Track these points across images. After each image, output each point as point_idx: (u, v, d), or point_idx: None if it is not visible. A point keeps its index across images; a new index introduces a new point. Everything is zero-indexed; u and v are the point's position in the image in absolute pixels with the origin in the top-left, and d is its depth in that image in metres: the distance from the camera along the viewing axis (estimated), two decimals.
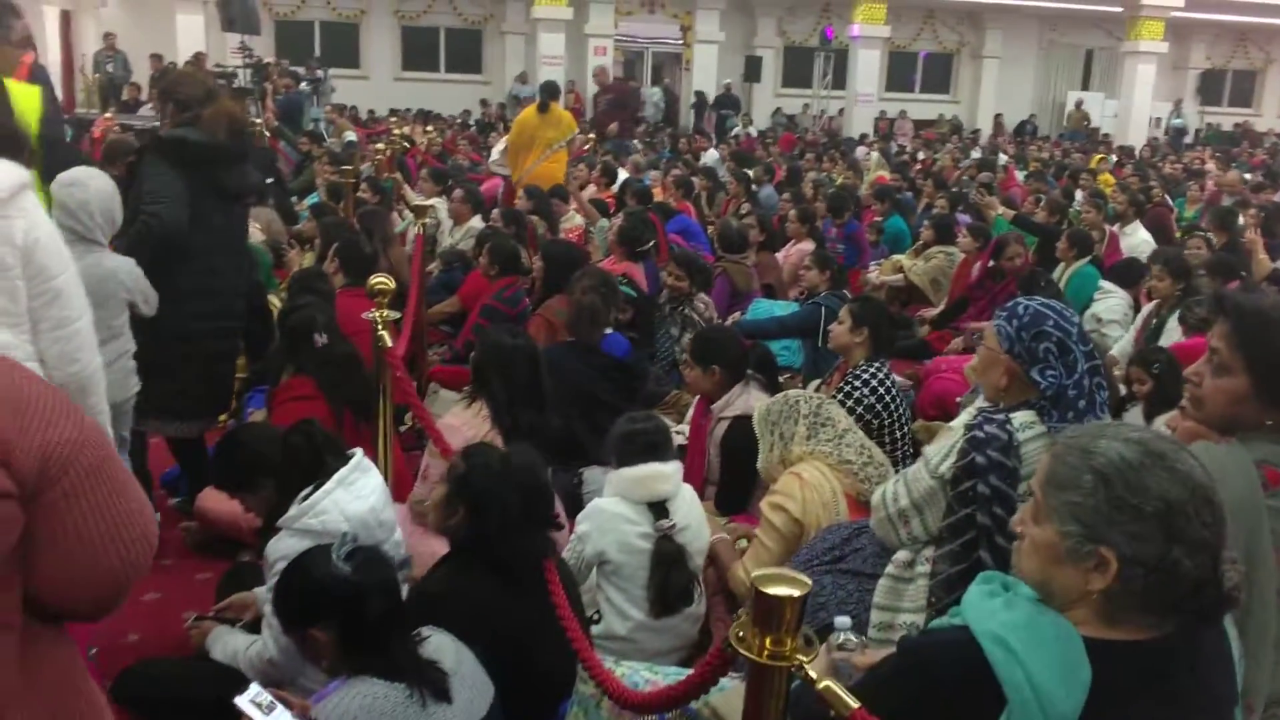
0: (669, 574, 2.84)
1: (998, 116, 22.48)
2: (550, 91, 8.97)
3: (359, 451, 2.72)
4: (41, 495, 1.14)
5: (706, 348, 3.72)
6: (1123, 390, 4.12)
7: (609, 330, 4.35)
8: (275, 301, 5.08)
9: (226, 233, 3.68)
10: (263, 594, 2.65)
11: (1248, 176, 12.67)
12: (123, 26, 18.22)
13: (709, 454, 3.67)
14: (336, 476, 2.57)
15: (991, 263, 6.28)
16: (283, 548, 2.53)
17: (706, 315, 5.38)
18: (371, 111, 18.37)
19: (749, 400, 3.57)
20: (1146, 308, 5.49)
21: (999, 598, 1.45)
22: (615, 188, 9.61)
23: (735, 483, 3.53)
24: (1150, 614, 1.38)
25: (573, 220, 7.73)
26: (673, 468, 2.95)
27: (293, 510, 2.54)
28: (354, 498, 2.56)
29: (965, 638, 1.41)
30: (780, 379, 4.32)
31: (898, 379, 4.10)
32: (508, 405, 3.29)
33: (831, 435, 3.10)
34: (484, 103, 20.22)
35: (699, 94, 20.37)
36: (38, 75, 4.80)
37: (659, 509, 2.88)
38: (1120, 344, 5.38)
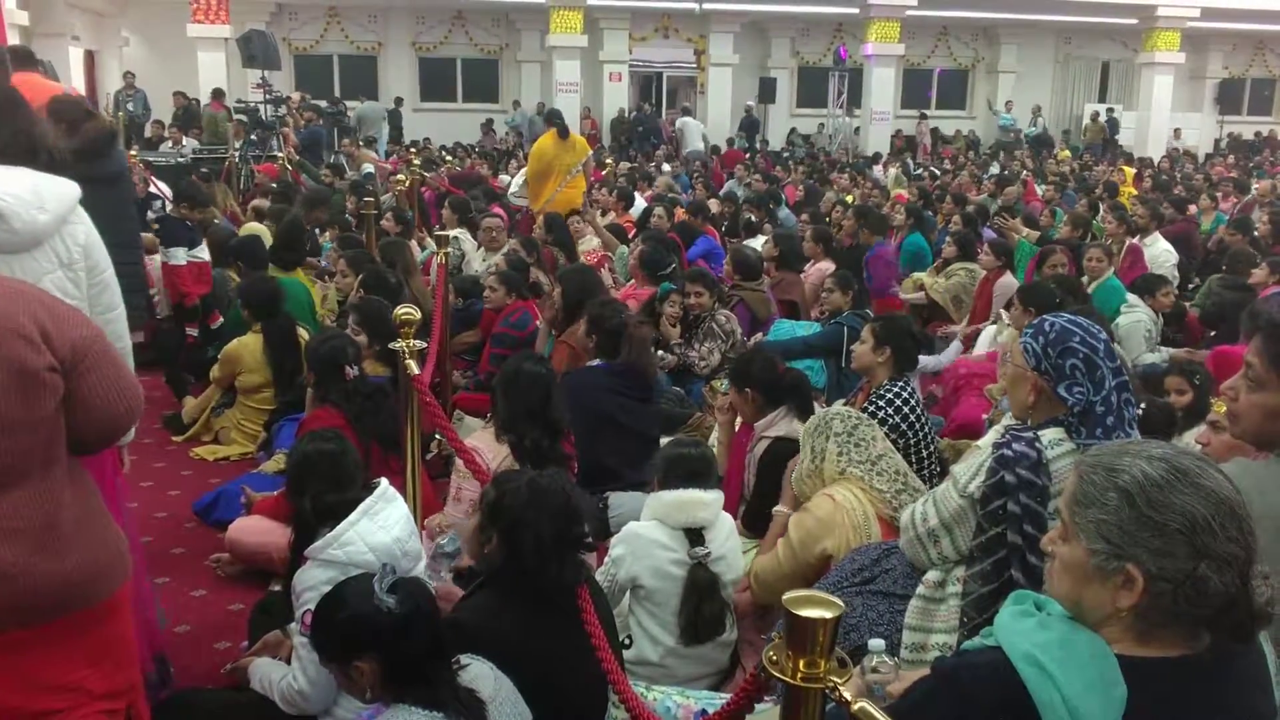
0: (701, 602, 2.83)
1: (1016, 132, 22.45)
2: (561, 118, 9.16)
3: (384, 481, 2.74)
4: (74, 369, 1.78)
5: (741, 370, 3.74)
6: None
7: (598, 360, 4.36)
8: (304, 334, 5.15)
9: (99, 205, 4.51)
10: (293, 628, 2.66)
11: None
12: (145, 65, 18.57)
13: (747, 471, 3.68)
14: (361, 507, 2.58)
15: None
16: (309, 578, 2.55)
17: (728, 328, 5.39)
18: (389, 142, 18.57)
19: (792, 424, 3.59)
20: None
21: (1032, 618, 1.45)
22: (634, 212, 9.68)
23: (766, 503, 3.53)
24: (1182, 630, 1.38)
25: (590, 243, 7.76)
26: (713, 496, 2.95)
27: (318, 541, 2.56)
28: (378, 528, 2.58)
29: (999, 659, 1.41)
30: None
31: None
32: (510, 421, 3.34)
33: (864, 458, 3.09)
34: (488, 122, 20.45)
35: (749, 108, 20.71)
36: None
37: (695, 536, 2.87)
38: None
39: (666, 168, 14.33)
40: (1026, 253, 7.27)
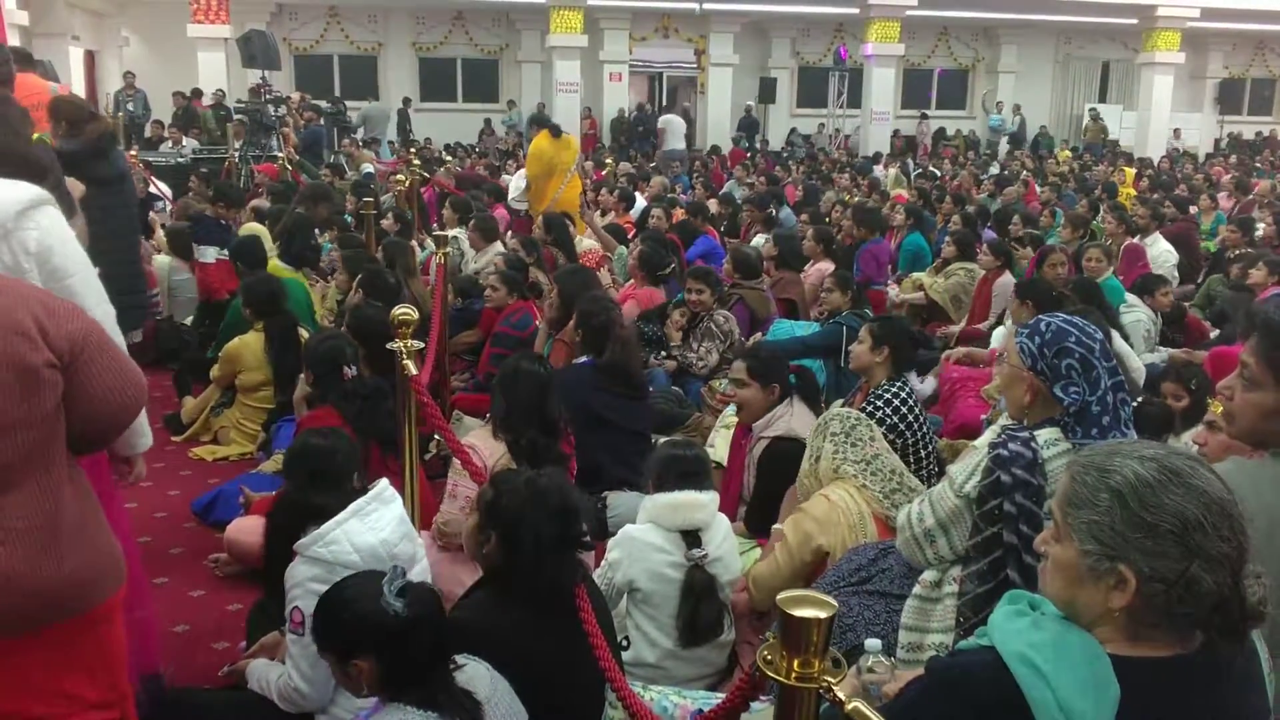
0: (699, 604, 2.83)
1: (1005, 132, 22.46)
2: (548, 119, 9.25)
3: (383, 482, 2.73)
4: (72, 364, 1.78)
5: (767, 366, 3.74)
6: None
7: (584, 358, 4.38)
8: (305, 334, 5.15)
9: (107, 208, 4.78)
10: (287, 628, 2.66)
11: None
12: (145, 65, 18.60)
13: (747, 473, 3.69)
14: (352, 507, 2.57)
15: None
16: (296, 574, 2.55)
17: (726, 328, 5.40)
18: (391, 143, 18.58)
19: (790, 422, 3.59)
20: None
21: (1026, 618, 1.46)
22: (634, 213, 9.69)
23: (767, 503, 3.53)
24: (1174, 630, 1.38)
25: (582, 245, 7.78)
26: (709, 497, 2.95)
27: (305, 537, 2.56)
28: (366, 529, 2.56)
29: (993, 659, 1.41)
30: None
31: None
32: (506, 420, 3.35)
33: (859, 457, 3.10)
34: (487, 124, 20.48)
35: (748, 108, 20.79)
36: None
37: (692, 538, 2.87)
38: None
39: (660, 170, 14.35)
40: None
